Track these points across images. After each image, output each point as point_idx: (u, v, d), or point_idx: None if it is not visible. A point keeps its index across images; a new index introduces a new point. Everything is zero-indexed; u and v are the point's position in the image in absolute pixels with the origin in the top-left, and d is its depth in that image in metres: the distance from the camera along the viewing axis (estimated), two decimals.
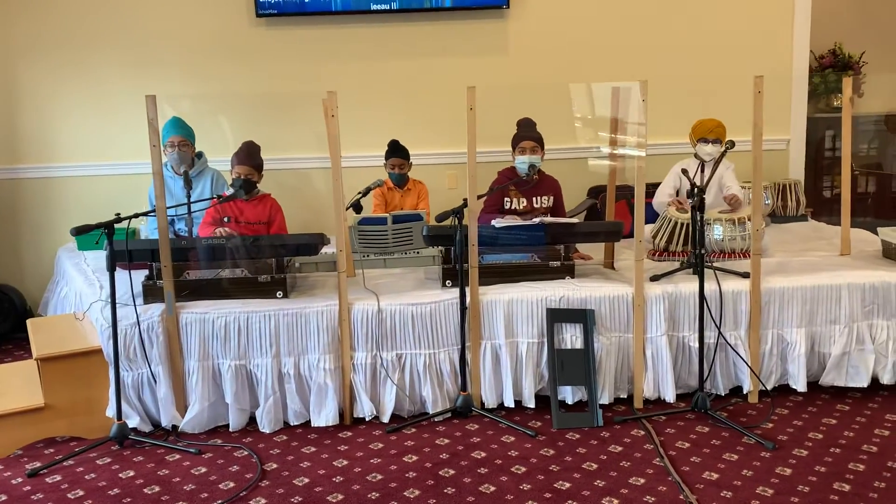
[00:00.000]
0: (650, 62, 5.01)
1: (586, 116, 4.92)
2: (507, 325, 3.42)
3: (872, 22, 6.26)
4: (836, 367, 3.49)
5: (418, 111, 5.00)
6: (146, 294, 3.41)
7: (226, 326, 3.31)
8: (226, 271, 3.48)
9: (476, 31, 4.96)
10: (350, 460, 3.06)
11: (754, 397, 3.49)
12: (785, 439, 3.12)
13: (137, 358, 3.30)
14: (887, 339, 3.48)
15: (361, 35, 4.93)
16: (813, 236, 4.49)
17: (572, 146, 5.00)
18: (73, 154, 4.94)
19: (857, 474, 2.83)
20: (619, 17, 5.02)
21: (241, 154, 3.90)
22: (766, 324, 3.47)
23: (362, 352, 3.38)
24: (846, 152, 3.99)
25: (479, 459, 3.03)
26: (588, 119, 4.91)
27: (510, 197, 4.05)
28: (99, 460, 3.11)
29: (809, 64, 5.58)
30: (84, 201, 4.95)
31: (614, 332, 3.45)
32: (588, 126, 4.94)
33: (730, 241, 3.89)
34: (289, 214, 4.16)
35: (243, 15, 4.85)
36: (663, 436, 3.18)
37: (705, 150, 4.09)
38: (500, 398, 3.47)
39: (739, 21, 5.07)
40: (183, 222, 4.19)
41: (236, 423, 3.36)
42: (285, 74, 4.92)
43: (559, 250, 3.64)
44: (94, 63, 4.85)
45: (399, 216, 4.05)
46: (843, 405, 3.44)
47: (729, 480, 2.81)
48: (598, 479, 2.85)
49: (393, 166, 4.43)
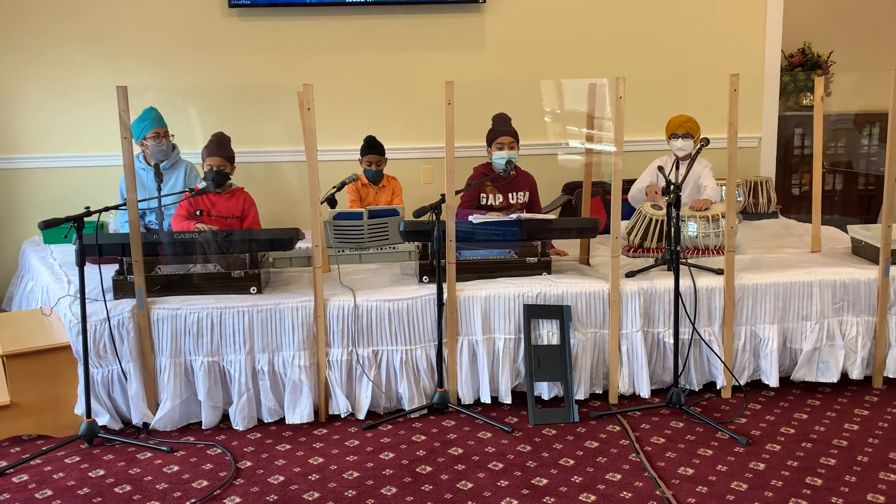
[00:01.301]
0: (626, 59, 5.03)
1: (562, 112, 4.93)
2: (483, 322, 3.41)
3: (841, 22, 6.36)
4: (808, 363, 3.54)
5: (393, 105, 4.97)
6: (116, 289, 3.34)
7: (198, 322, 3.26)
8: (198, 266, 3.42)
9: (452, 25, 4.94)
10: (326, 458, 3.03)
11: (728, 393, 3.52)
12: (758, 434, 3.16)
13: (108, 354, 3.23)
14: (857, 335, 3.53)
15: (336, 27, 4.87)
16: (784, 233, 4.55)
17: (547, 142, 5.01)
18: (38, 145, 4.82)
19: (828, 468, 2.88)
20: (595, 14, 5.03)
21: (211, 146, 3.84)
22: (739, 320, 3.50)
23: (338, 348, 3.35)
24: (818, 150, 4.04)
25: (456, 456, 3.02)
26: (563, 115, 4.92)
27: (486, 193, 4.04)
28: (68, 459, 3.04)
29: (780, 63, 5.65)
30: (50, 194, 4.84)
31: (590, 327, 3.46)
32: (563, 122, 4.96)
33: (703, 237, 3.92)
34: (262, 208, 4.11)
35: (216, 6, 4.77)
36: (639, 431, 3.20)
37: (676, 146, 4.13)
38: (476, 394, 3.46)
39: (713, 20, 5.11)
40: (154, 215, 4.11)
41: (209, 421, 3.31)
42: (258, 67, 4.85)
43: (536, 246, 3.64)
44: (63, 53, 4.74)
45: (375, 211, 4.02)
46: (813, 400, 3.49)
47: (704, 475, 2.83)
48: (575, 474, 2.86)
49: (369, 163, 4.39)
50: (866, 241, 3.75)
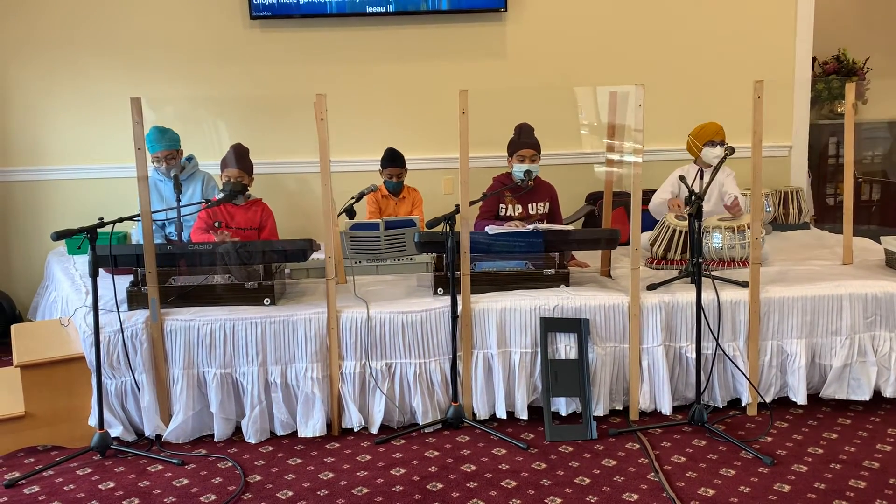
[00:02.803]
0: (650, 67, 4.93)
1: (584, 121, 4.85)
2: (499, 335, 3.34)
3: (877, 27, 6.18)
4: (838, 380, 3.40)
5: (415, 115, 4.93)
6: (130, 300, 3.34)
7: (211, 334, 3.24)
8: (216, 277, 3.40)
9: (473, 34, 4.89)
10: (336, 473, 2.98)
11: (753, 410, 3.40)
12: (784, 454, 3.03)
13: (121, 365, 3.23)
14: (890, 352, 3.38)
15: (357, 38, 4.86)
16: (814, 244, 4.40)
17: (570, 151, 4.93)
18: (64, 157, 4.88)
19: (857, 491, 2.74)
20: (618, 21, 4.94)
21: (229, 157, 3.83)
22: (765, 334, 3.38)
23: (351, 361, 3.31)
24: (849, 160, 3.91)
25: (468, 473, 2.95)
26: (585, 124, 4.84)
27: (505, 203, 3.97)
28: (79, 471, 3.04)
29: (813, 70, 5.51)
30: (75, 204, 4.89)
31: (609, 342, 3.37)
32: (585, 131, 4.87)
33: (729, 249, 3.80)
34: (283, 220, 4.09)
35: (237, 17, 4.79)
36: (659, 449, 3.10)
37: (713, 153, 4.00)
38: (492, 409, 3.38)
39: (741, 26, 4.99)
40: (173, 226, 4.13)
41: (221, 433, 3.29)
42: (280, 77, 4.86)
43: (554, 258, 3.56)
44: (87, 65, 4.79)
45: (392, 222, 3.98)
46: (844, 419, 3.35)
47: (725, 497, 2.72)
48: (591, 494, 2.77)
49: (390, 175, 4.35)
50: None
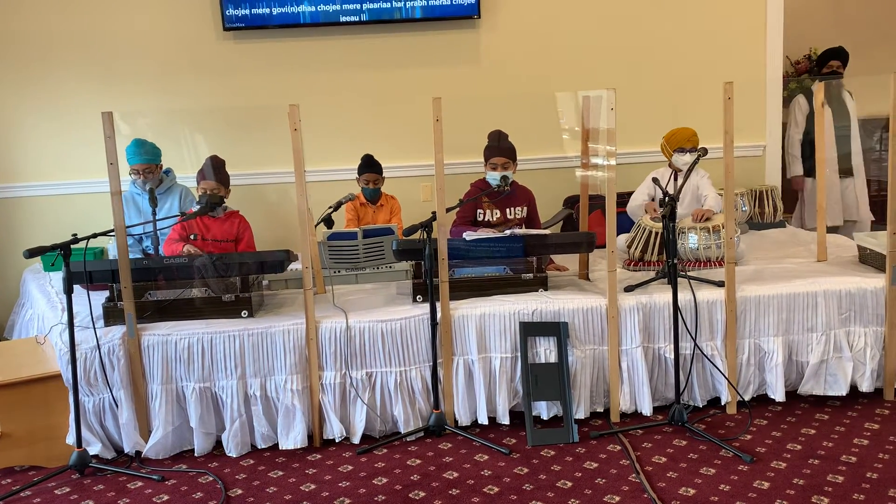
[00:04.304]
0: (623, 70, 4.97)
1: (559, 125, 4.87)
2: (479, 340, 3.34)
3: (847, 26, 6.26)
4: (815, 376, 3.43)
5: (391, 123, 4.94)
6: (107, 316, 3.31)
7: (189, 348, 3.22)
8: (194, 290, 3.39)
9: (447, 41, 4.91)
10: (318, 484, 2.97)
11: (732, 408, 3.42)
12: (763, 451, 3.05)
13: (98, 382, 3.20)
14: (865, 347, 3.42)
15: (331, 47, 4.86)
16: (790, 242, 4.44)
17: (545, 156, 4.95)
18: (38, 173, 4.84)
19: (835, 486, 2.77)
20: (590, 26, 4.97)
21: (205, 170, 3.82)
22: (742, 333, 3.41)
23: (331, 371, 3.30)
24: (820, 157, 3.96)
25: (450, 480, 2.94)
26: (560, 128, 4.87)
27: (483, 209, 3.99)
28: (58, 490, 3.00)
29: (785, 69, 5.57)
30: (51, 221, 4.85)
31: (588, 344, 3.38)
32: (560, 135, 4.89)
33: (705, 249, 3.84)
34: (263, 231, 4.07)
35: (210, 29, 4.77)
36: (640, 450, 3.11)
37: (683, 160, 4.05)
38: (473, 415, 3.38)
39: (712, 27, 5.03)
40: (150, 240, 4.10)
41: (202, 448, 3.26)
42: (255, 88, 4.85)
43: (532, 262, 3.57)
44: (59, 80, 4.76)
45: (370, 230, 3.98)
46: (822, 414, 3.38)
47: (706, 496, 2.74)
48: (573, 497, 2.77)
49: (367, 181, 4.35)
50: (872, 248, 3.65)
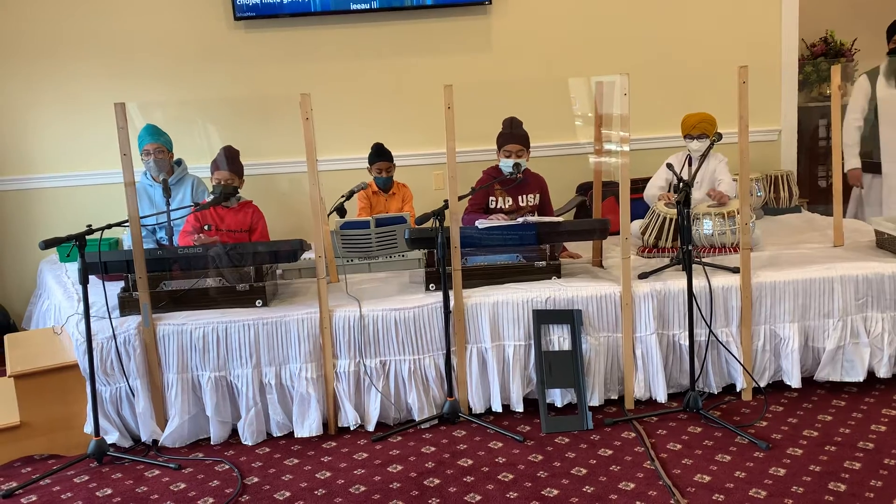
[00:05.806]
0: (637, 55, 4.92)
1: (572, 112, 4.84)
2: (492, 328, 3.34)
3: (864, 8, 6.17)
4: (831, 362, 3.40)
5: (402, 111, 4.92)
6: (122, 306, 3.34)
7: (204, 337, 3.24)
8: (208, 280, 3.40)
9: (458, 28, 4.88)
10: (333, 472, 2.99)
11: (748, 395, 3.40)
12: (779, 438, 3.04)
13: (115, 372, 3.22)
14: (882, 332, 3.39)
15: (342, 35, 4.85)
16: (806, 227, 4.40)
17: (558, 142, 4.92)
18: (53, 165, 4.87)
19: (852, 473, 2.75)
20: (603, 10, 4.93)
21: (219, 160, 3.83)
22: (757, 319, 3.39)
23: (345, 359, 3.31)
24: (836, 142, 3.91)
25: (465, 467, 2.95)
26: (574, 114, 4.84)
27: (495, 196, 3.97)
28: (77, 478, 3.04)
29: (801, 53, 5.50)
30: (67, 212, 4.88)
31: (602, 332, 3.37)
32: (574, 121, 4.87)
33: (720, 235, 3.81)
34: (276, 220, 4.07)
35: (221, 18, 4.77)
36: (654, 437, 3.10)
37: (692, 147, 4.03)
38: (487, 403, 3.39)
39: (727, 11, 4.98)
40: (163, 231, 4.12)
41: (218, 436, 3.29)
42: (266, 77, 4.84)
43: (545, 250, 3.56)
44: (73, 72, 4.77)
45: (382, 219, 3.97)
46: (838, 401, 3.35)
47: (721, 483, 2.73)
48: (587, 484, 2.77)
49: (379, 170, 4.35)
50: (890, 233, 3.61)
